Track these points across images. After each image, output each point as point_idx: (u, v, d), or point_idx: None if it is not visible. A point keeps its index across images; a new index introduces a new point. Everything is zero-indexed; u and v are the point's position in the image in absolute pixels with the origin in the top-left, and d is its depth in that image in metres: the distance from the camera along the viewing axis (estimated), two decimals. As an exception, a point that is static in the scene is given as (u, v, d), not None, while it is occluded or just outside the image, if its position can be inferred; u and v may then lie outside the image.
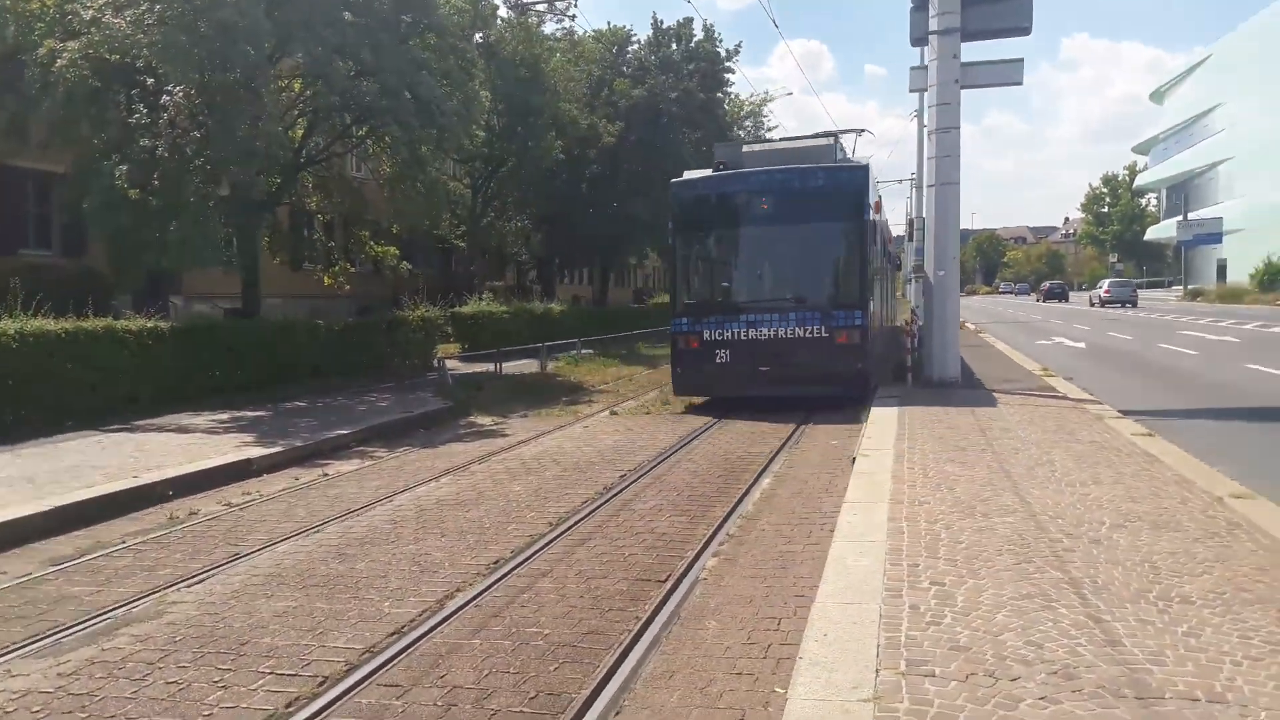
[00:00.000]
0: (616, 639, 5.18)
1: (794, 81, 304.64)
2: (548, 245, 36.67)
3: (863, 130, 19.91)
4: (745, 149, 16.30)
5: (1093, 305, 55.45)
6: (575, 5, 29.11)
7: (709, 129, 42.31)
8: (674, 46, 42.73)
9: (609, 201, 37.26)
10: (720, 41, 43.34)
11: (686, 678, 4.64)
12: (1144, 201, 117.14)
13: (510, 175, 32.80)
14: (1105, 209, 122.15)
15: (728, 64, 43.40)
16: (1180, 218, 63.53)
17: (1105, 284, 58.37)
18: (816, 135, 16.75)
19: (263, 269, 21.15)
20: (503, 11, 31.34)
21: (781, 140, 19.13)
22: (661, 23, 42.89)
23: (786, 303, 14.67)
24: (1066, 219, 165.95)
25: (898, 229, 40.02)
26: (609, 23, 72.51)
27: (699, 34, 43.08)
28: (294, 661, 5.06)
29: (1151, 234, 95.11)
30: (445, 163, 25.32)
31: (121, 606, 6.12)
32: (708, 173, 15.63)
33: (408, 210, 22.37)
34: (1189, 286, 58.63)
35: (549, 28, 36.25)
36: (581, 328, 29.98)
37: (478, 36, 28.91)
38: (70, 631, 5.70)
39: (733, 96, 50.85)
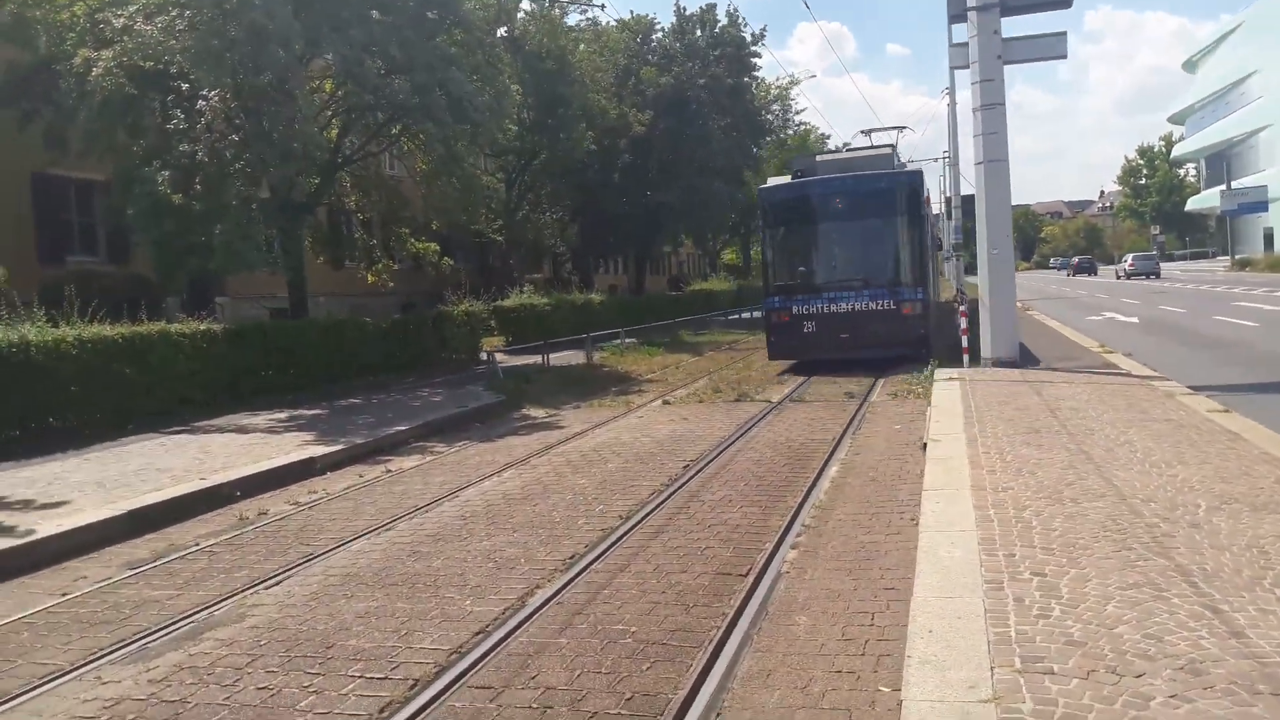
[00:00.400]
0: (706, 636, 5.07)
1: (815, 64, 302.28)
2: (583, 236, 36.56)
3: (904, 128, 27.82)
4: (819, 158, 20.64)
5: (1118, 278, 59.48)
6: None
7: (737, 114, 42.07)
8: (699, 33, 42.40)
9: (641, 190, 37.15)
10: (745, 26, 43.04)
11: (785, 676, 4.51)
12: (1182, 172, 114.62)
13: (543, 168, 32.72)
14: (1143, 181, 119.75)
15: (754, 48, 43.03)
16: (1223, 187, 62.13)
17: (1129, 258, 62.67)
18: (874, 147, 21.73)
19: (306, 268, 21.29)
20: (526, 4, 31.22)
21: (847, 150, 24.54)
22: (685, 9, 42.58)
23: (859, 283, 18.15)
24: (1102, 192, 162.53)
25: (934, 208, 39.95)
26: (632, 12, 72.30)
27: (723, 19, 42.72)
28: (383, 664, 5.00)
29: (1192, 205, 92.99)
30: (479, 158, 25.26)
31: (202, 610, 6.11)
32: (787, 179, 19.55)
33: (445, 206, 22.46)
34: (1236, 256, 57.23)
35: (572, 19, 36.13)
36: (621, 317, 30.01)
37: (501, 31, 28.85)
38: (155, 636, 5.69)
39: (760, 81, 50.42)
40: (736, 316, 39.24)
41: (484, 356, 20.76)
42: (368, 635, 5.43)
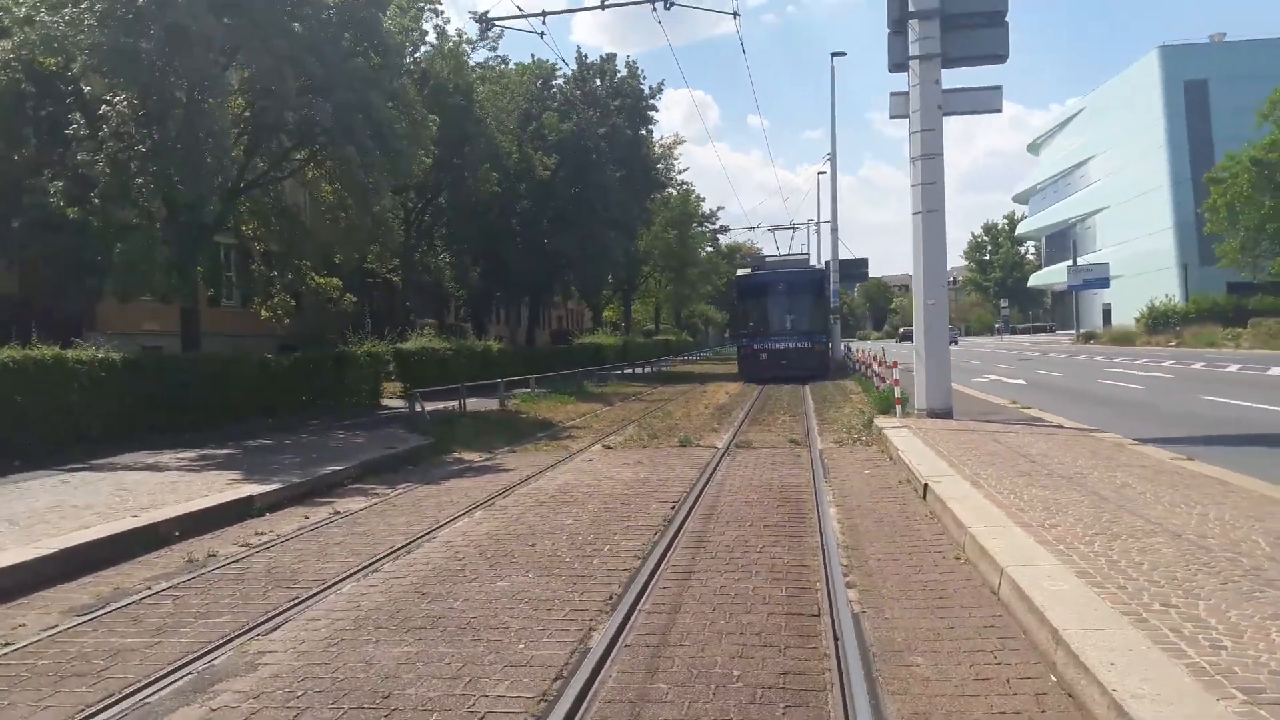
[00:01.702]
0: (821, 678, 4.61)
1: (683, 129, 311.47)
2: (483, 282, 35.73)
3: (795, 227, 66.45)
4: (767, 259, 38.37)
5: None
6: (545, 24, 28.03)
7: (634, 167, 42.36)
8: (599, 82, 42.65)
9: (539, 238, 36.72)
10: (644, 79, 43.57)
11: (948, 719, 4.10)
12: (1023, 249, 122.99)
13: (445, 208, 31.94)
14: (987, 256, 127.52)
15: (651, 100, 43.61)
16: (1068, 263, 66.46)
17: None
18: (797, 255, 41.29)
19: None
20: (431, 37, 30.53)
21: (784, 256, 40.46)
22: (586, 57, 42.87)
23: (792, 333, 32.07)
24: (952, 269, 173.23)
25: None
26: (533, 55, 72.53)
27: (622, 70, 43.17)
28: (465, 714, 4.31)
29: (1035, 280, 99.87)
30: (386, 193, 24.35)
31: (195, 659, 5.23)
32: (748, 271, 36.54)
33: (355, 240, 21.41)
34: (1081, 330, 61.40)
35: (479, 55, 35.69)
36: (522, 366, 29.46)
37: (407, 60, 28.07)
38: (151, 690, 4.79)
39: (654, 138, 51.24)
40: (630, 371, 38.97)
41: (388, 401, 19.73)
42: (425, 683, 4.71)
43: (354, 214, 20.77)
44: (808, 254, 41.09)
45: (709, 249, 78.41)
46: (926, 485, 8.82)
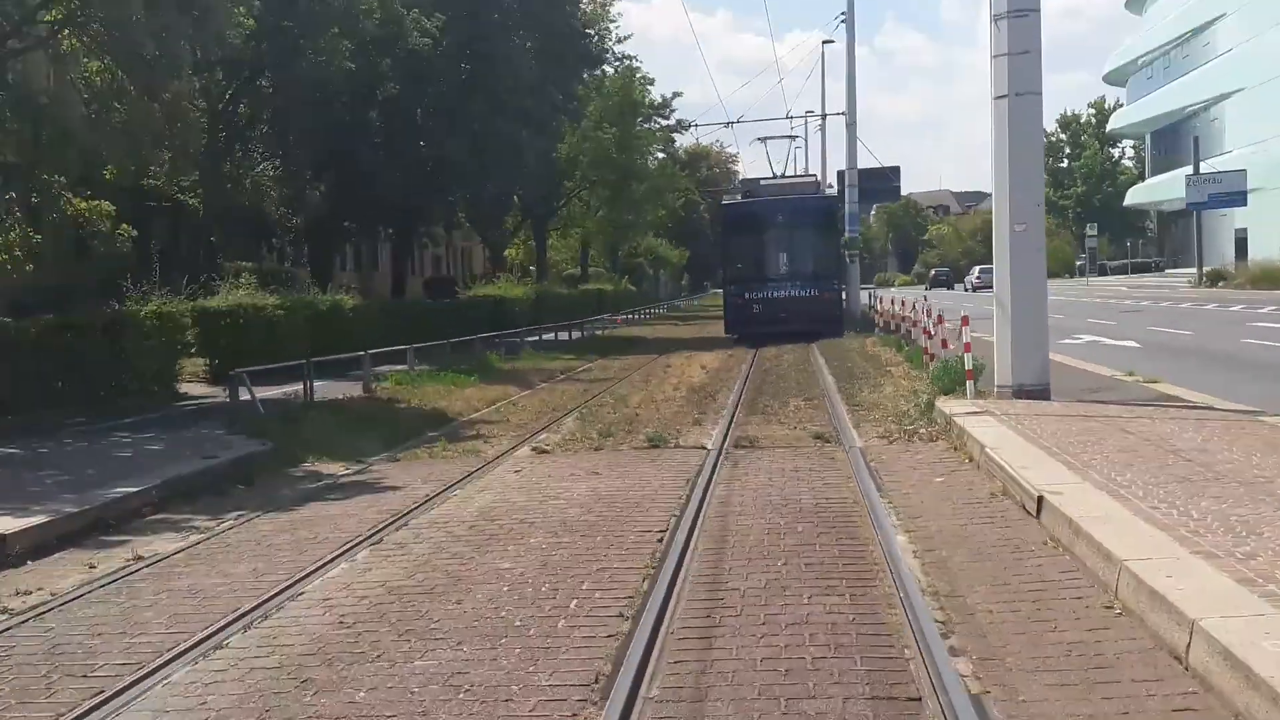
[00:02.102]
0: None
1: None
2: (327, 205, 35.17)
3: (796, 137, 59.17)
4: (762, 182, 42.40)
5: (967, 291, 79.19)
6: None
7: (554, 32, 42.09)
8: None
9: (412, 141, 36.45)
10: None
11: None
12: (1117, 152, 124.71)
13: (267, 95, 31.34)
14: (1065, 163, 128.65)
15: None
16: (1184, 170, 66.74)
17: (976, 270, 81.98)
18: (801, 175, 47.89)
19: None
20: None
21: (782, 177, 44.44)
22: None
23: (794, 277, 36.23)
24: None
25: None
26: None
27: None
28: None
29: (1134, 197, 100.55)
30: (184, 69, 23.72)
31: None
32: (739, 199, 40.76)
33: (140, 141, 20.87)
34: (1206, 268, 61.47)
35: None
36: (387, 331, 29.03)
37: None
38: None
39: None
40: (549, 337, 38.68)
41: (189, 385, 19.37)
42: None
43: (134, 103, 20.24)
44: (815, 176, 45.54)
45: (660, 154, 78.21)
46: (1041, 498, 8.80)
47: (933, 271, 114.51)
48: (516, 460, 14.09)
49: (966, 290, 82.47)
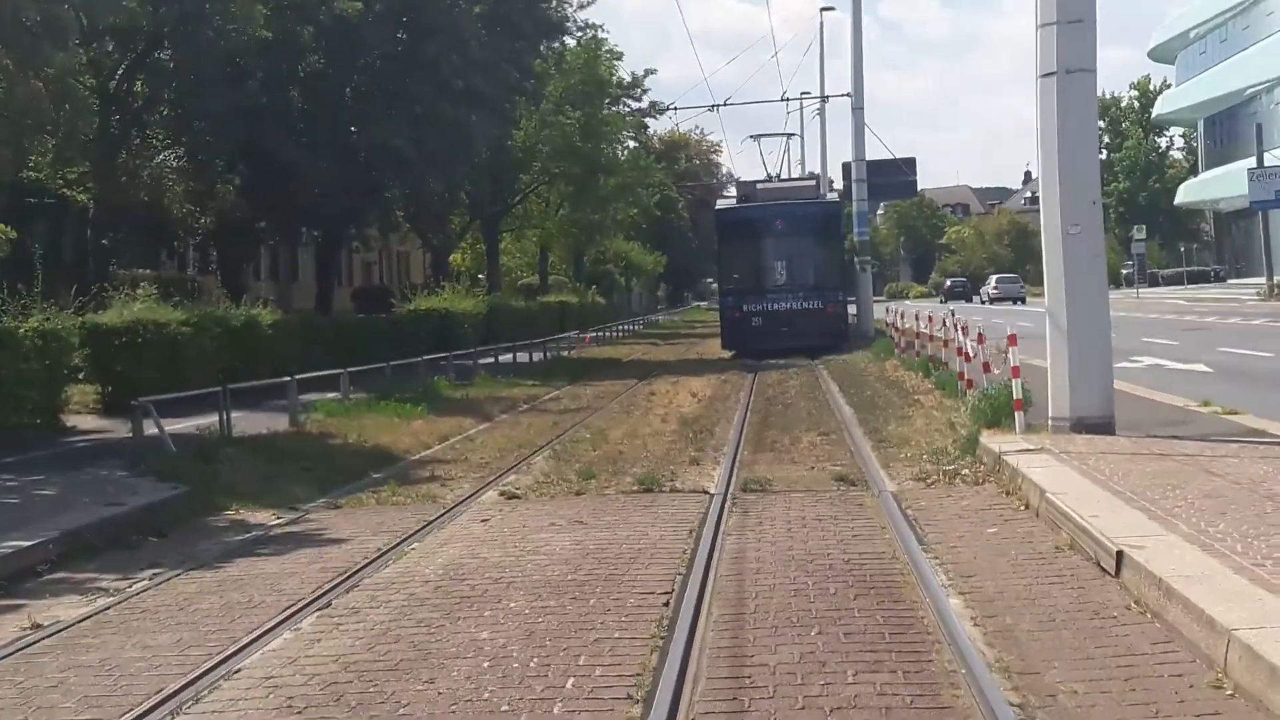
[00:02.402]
0: None
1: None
2: (240, 203, 35.15)
3: (793, 135, 57.90)
4: (759, 185, 46.53)
5: (984, 303, 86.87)
6: None
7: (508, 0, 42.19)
8: None
9: (341, 125, 36.47)
10: None
11: None
12: (1165, 141, 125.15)
13: (167, 70, 31.32)
14: (1104, 154, 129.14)
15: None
16: (1245, 163, 67.16)
17: (993, 280, 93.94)
18: (802, 177, 57.21)
19: None
20: None
21: (780, 179, 48.82)
22: None
23: (794, 288, 40.22)
24: (1030, 173, 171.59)
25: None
26: None
27: None
28: None
29: (1186, 194, 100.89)
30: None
31: None
32: (732, 203, 47.42)
33: (9, 130, 20.87)
34: (1277, 279, 61.58)
35: None
36: (313, 352, 29.15)
37: None
38: None
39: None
40: (504, 360, 38.59)
41: (77, 417, 19.28)
42: None
43: (11, 78, 20.25)
44: (815, 178, 51.60)
45: (632, 142, 78.33)
46: (1121, 553, 8.77)
47: (948, 281, 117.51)
48: (482, 507, 14.12)
49: (983, 302, 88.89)
